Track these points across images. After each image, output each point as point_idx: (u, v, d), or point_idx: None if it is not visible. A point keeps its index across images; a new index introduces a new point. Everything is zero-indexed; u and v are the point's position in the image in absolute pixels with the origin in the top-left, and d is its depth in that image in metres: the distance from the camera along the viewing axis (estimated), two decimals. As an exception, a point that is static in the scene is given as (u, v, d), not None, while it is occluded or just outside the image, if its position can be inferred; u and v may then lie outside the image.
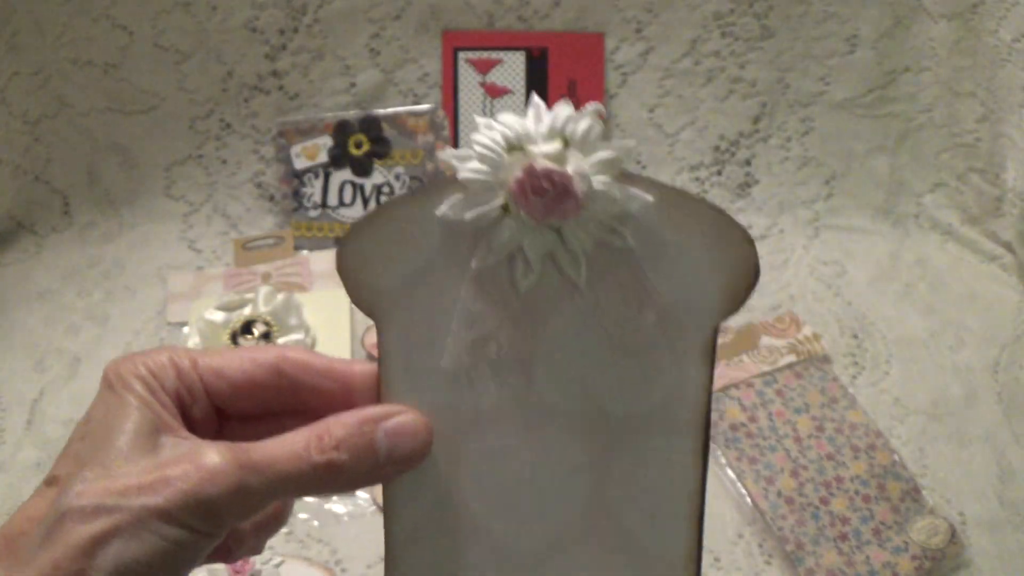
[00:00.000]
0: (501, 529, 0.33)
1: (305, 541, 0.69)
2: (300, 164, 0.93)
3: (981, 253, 0.90)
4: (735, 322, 0.82)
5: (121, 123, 0.92)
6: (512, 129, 0.30)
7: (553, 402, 0.32)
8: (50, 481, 0.32)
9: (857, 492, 0.70)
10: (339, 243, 0.32)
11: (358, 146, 0.92)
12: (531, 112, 0.31)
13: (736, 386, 0.76)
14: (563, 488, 0.33)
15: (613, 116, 0.93)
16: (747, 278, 0.31)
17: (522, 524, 0.33)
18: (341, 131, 0.92)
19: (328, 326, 0.83)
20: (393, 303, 0.32)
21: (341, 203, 0.92)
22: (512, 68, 0.92)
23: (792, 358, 0.79)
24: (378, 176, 0.92)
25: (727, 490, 0.71)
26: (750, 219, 0.93)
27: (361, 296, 0.33)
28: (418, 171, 0.92)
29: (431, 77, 0.93)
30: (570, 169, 0.30)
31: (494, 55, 0.92)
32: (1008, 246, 0.89)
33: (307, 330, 0.82)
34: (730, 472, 0.72)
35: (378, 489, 0.74)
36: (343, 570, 0.68)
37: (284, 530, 0.69)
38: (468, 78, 0.92)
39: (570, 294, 0.32)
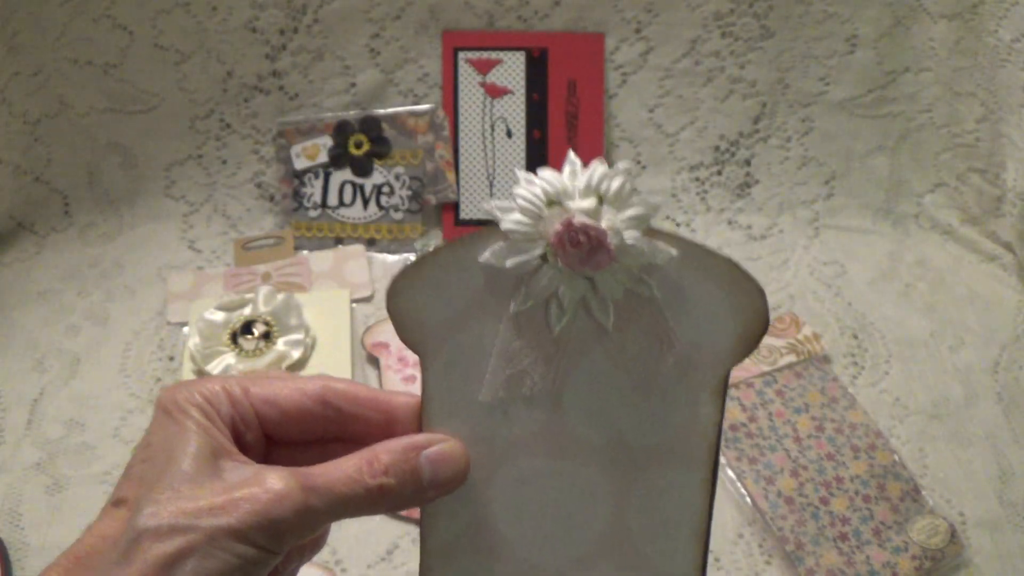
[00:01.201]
0: (527, 548, 0.36)
1: (305, 541, 0.69)
2: (300, 164, 0.93)
3: (981, 253, 0.90)
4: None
5: (121, 123, 0.92)
6: (552, 185, 0.33)
7: (579, 434, 0.36)
8: (117, 503, 0.33)
9: (857, 492, 0.70)
10: (390, 285, 0.36)
11: (358, 146, 0.92)
12: (567, 169, 0.34)
13: (736, 386, 0.76)
14: (585, 512, 0.36)
15: (613, 116, 0.93)
16: (758, 326, 0.34)
17: (547, 544, 0.36)
18: (341, 131, 0.92)
19: (328, 326, 0.83)
20: (437, 341, 0.35)
21: (341, 203, 0.92)
22: (512, 68, 0.92)
23: (792, 358, 0.79)
24: (378, 176, 0.92)
25: (727, 490, 0.71)
26: (750, 219, 0.93)
27: (408, 333, 0.36)
28: (418, 171, 0.92)
29: (431, 77, 0.93)
30: (604, 224, 0.33)
31: (494, 55, 0.92)
32: (1008, 246, 0.89)
33: (307, 330, 0.82)
34: (730, 472, 0.72)
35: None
36: (343, 570, 0.68)
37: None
38: (468, 78, 0.92)
39: (599, 337, 0.35)
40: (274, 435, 0.36)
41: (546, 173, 0.34)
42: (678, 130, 0.93)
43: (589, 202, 0.33)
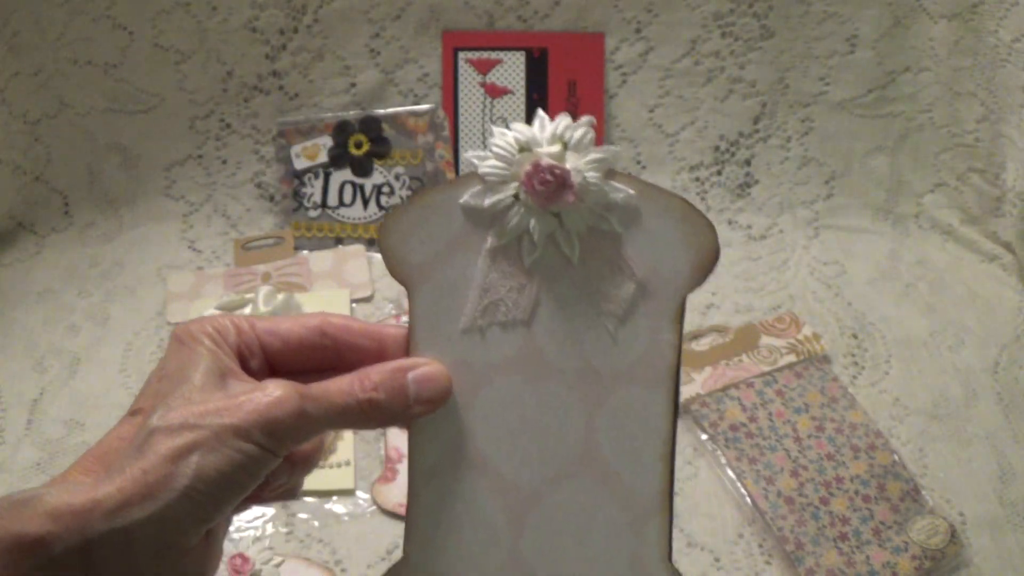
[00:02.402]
0: (505, 466, 0.39)
1: (305, 541, 0.69)
2: (300, 164, 0.93)
3: (981, 253, 0.90)
4: (735, 322, 0.83)
5: (121, 123, 0.92)
6: (522, 134, 0.38)
7: (551, 357, 0.39)
8: (134, 412, 0.37)
9: (857, 492, 0.70)
10: (381, 224, 0.39)
11: (358, 146, 0.92)
12: (536, 122, 0.38)
13: (736, 386, 0.76)
14: (559, 431, 0.39)
15: (613, 116, 0.93)
16: (710, 257, 0.38)
17: (523, 462, 0.39)
18: (341, 131, 0.92)
19: (328, 326, 0.83)
20: (422, 274, 0.39)
21: (341, 203, 0.92)
22: (512, 68, 0.92)
23: (792, 358, 0.79)
24: (378, 176, 0.92)
25: (727, 490, 0.71)
26: (750, 219, 0.93)
27: (396, 268, 0.39)
28: (418, 171, 0.92)
29: (431, 77, 0.93)
30: (568, 166, 0.37)
31: (494, 55, 0.92)
32: (1008, 246, 0.89)
33: (307, 330, 0.81)
34: (730, 472, 0.72)
35: (377, 489, 0.74)
36: (343, 570, 0.68)
37: (284, 530, 0.69)
38: (468, 78, 0.92)
39: (566, 268, 0.38)
40: (276, 364, 0.40)
41: (517, 125, 0.38)
42: (678, 130, 0.93)
43: (555, 148, 0.37)
